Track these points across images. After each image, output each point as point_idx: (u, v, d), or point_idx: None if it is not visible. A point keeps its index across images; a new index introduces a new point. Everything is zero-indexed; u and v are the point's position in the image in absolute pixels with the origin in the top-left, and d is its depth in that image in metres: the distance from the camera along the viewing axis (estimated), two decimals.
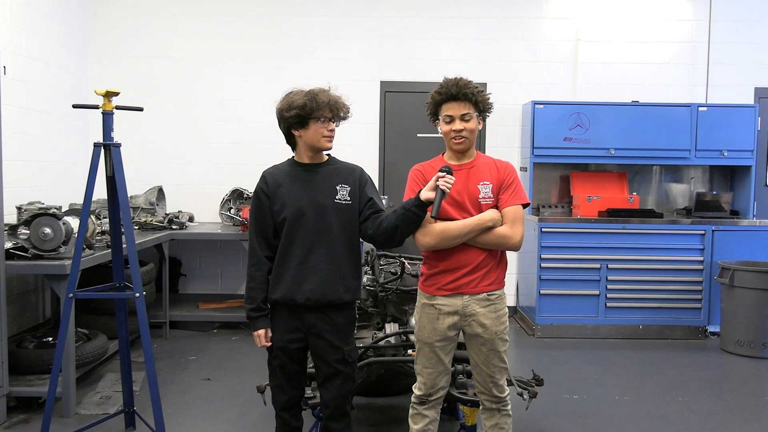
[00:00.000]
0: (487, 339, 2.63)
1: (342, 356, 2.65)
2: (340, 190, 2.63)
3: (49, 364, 3.73)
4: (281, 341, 2.64)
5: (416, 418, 2.75)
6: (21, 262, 3.70)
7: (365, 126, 6.12)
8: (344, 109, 2.67)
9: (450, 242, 2.58)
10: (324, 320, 2.62)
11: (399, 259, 3.79)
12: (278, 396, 2.71)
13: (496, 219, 2.60)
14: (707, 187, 6.26)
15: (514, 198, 2.63)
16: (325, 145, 2.64)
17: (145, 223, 5.41)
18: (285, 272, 2.61)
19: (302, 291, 2.58)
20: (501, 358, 2.67)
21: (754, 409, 4.06)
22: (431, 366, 2.68)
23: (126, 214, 2.99)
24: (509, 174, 2.67)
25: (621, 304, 5.62)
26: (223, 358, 4.91)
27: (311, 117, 2.58)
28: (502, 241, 2.60)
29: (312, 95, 2.59)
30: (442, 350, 2.67)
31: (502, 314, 2.68)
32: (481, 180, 2.64)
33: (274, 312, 2.69)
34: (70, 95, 5.53)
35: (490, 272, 2.64)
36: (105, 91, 2.90)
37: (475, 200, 2.62)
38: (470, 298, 2.62)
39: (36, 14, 5.11)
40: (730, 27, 6.18)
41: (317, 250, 2.60)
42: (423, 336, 2.69)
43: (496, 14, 6.18)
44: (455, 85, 2.60)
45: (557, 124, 5.73)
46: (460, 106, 2.60)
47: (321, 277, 2.59)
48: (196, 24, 6.12)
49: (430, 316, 2.66)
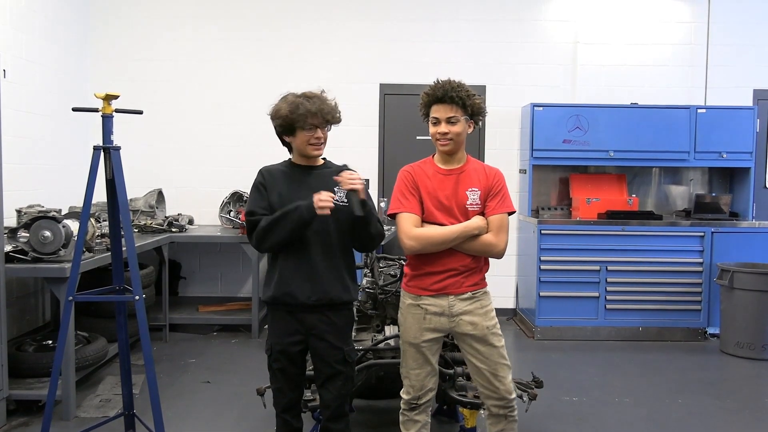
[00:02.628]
0: (480, 336, 2.62)
1: (342, 356, 2.65)
2: (338, 192, 2.64)
3: (48, 367, 3.72)
4: (281, 344, 2.64)
5: (408, 425, 2.74)
6: (21, 265, 3.69)
7: (364, 128, 6.14)
8: (332, 114, 2.64)
9: (435, 248, 2.59)
10: (324, 321, 2.62)
11: (398, 262, 3.79)
12: (279, 398, 2.71)
13: (482, 227, 2.61)
14: (706, 189, 6.27)
15: (500, 206, 2.64)
16: (311, 153, 2.64)
17: (145, 226, 5.41)
18: (283, 272, 2.61)
19: (302, 290, 2.58)
20: (501, 354, 2.65)
21: (754, 411, 4.06)
22: (418, 367, 2.67)
23: (126, 217, 2.99)
24: (497, 181, 2.67)
25: (621, 306, 5.62)
26: (222, 361, 4.91)
27: (296, 126, 2.59)
28: (487, 249, 2.62)
29: (295, 105, 2.57)
30: (428, 350, 2.66)
31: (489, 310, 2.68)
32: (469, 186, 2.64)
33: (272, 314, 2.70)
34: (70, 98, 5.54)
35: (474, 274, 2.66)
36: (105, 94, 2.90)
37: (462, 206, 2.62)
38: (456, 297, 2.62)
39: (36, 18, 5.12)
40: (729, 29, 6.19)
41: (315, 250, 2.60)
42: (409, 337, 2.68)
43: (495, 17, 6.19)
44: (442, 88, 2.60)
45: (556, 126, 5.74)
46: (447, 108, 2.59)
47: (320, 277, 2.59)
48: (196, 27, 6.14)
49: (416, 316, 2.66)
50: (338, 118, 2.70)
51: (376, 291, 3.57)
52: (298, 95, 2.63)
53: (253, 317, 5.55)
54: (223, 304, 6.04)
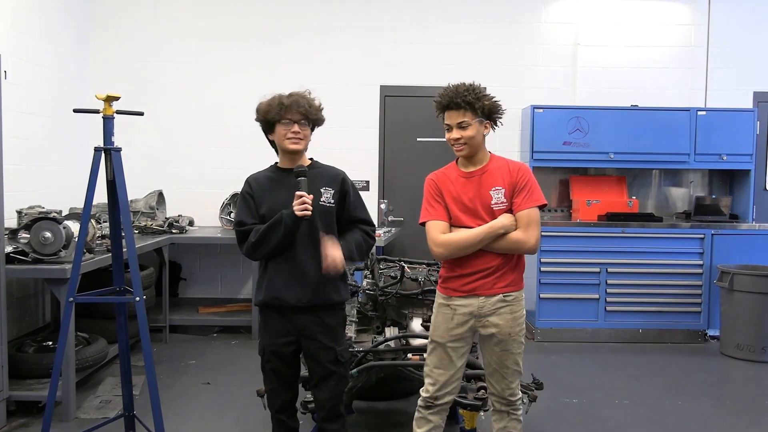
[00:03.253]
0: (501, 339, 2.62)
1: (335, 357, 2.66)
2: (324, 193, 2.65)
3: (49, 368, 3.72)
4: (274, 345, 2.65)
5: (420, 422, 2.74)
6: (21, 267, 3.70)
7: (365, 130, 6.14)
8: (309, 110, 2.64)
9: (463, 251, 2.59)
10: (315, 322, 2.63)
11: (399, 263, 3.79)
12: (273, 399, 2.73)
13: (508, 225, 2.59)
14: (706, 191, 6.27)
15: (527, 201, 2.61)
16: (288, 147, 2.65)
17: (145, 227, 5.42)
18: (274, 275, 2.62)
19: (292, 293, 2.59)
20: (515, 361, 2.66)
21: (754, 413, 4.06)
22: (442, 367, 2.68)
23: (126, 218, 3.00)
24: (522, 176, 2.64)
25: (621, 308, 5.62)
26: (222, 362, 4.91)
27: (272, 120, 2.62)
28: (517, 246, 2.60)
29: (273, 100, 2.62)
30: (454, 352, 2.66)
31: (519, 316, 2.66)
32: (493, 185, 2.63)
33: (264, 316, 2.70)
34: (71, 99, 5.54)
35: (506, 275, 2.64)
36: (105, 96, 2.91)
37: (487, 207, 2.62)
38: (486, 299, 2.62)
39: (37, 19, 5.13)
40: (729, 31, 6.19)
41: (305, 252, 2.60)
42: (436, 336, 2.69)
43: (495, 19, 6.20)
44: (447, 95, 2.60)
45: (556, 128, 5.74)
46: (457, 114, 2.60)
47: (310, 278, 2.60)
48: (197, 28, 6.14)
49: (445, 316, 2.67)
50: (319, 116, 2.71)
51: (376, 292, 3.58)
52: (282, 95, 2.66)
53: (253, 318, 5.55)
54: (223, 305, 6.04)
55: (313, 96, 2.71)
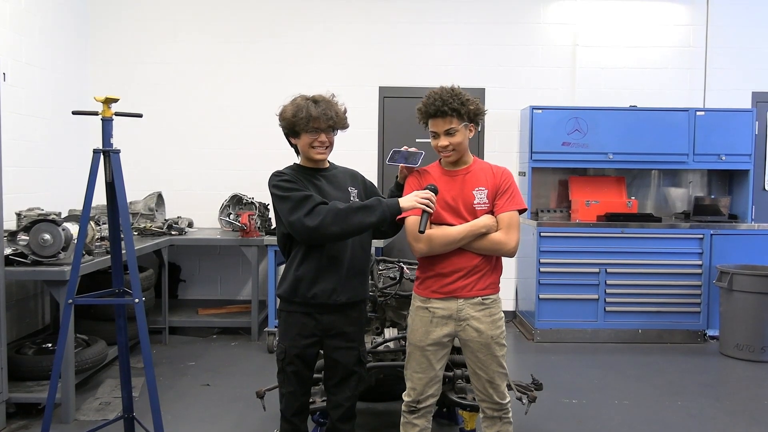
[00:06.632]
0: (483, 344, 2.61)
1: (358, 357, 2.67)
2: (352, 192, 2.66)
3: (48, 370, 3.73)
4: (297, 347, 2.61)
5: (407, 427, 2.72)
6: (20, 268, 3.70)
7: (364, 131, 6.14)
8: (336, 119, 2.62)
9: (443, 248, 2.58)
10: (341, 320, 2.62)
11: (398, 264, 3.79)
12: (291, 402, 2.67)
13: (490, 225, 2.59)
14: (705, 191, 6.28)
15: (509, 204, 2.62)
16: (314, 156, 2.63)
17: (145, 228, 5.42)
18: (305, 273, 2.58)
19: (332, 291, 2.57)
20: (499, 363, 2.64)
21: (753, 413, 4.06)
22: (421, 371, 2.65)
23: (125, 220, 3.00)
24: (505, 180, 2.66)
25: (620, 308, 5.62)
26: (222, 364, 4.91)
27: (298, 129, 2.59)
28: (497, 247, 2.60)
29: (299, 107, 2.57)
30: (433, 355, 2.64)
31: (498, 318, 2.65)
32: (476, 186, 2.64)
33: (287, 315, 2.66)
34: (70, 101, 5.55)
35: (485, 277, 2.63)
36: (104, 98, 2.91)
37: (469, 206, 2.62)
38: (465, 302, 2.60)
39: (36, 21, 5.13)
40: (728, 32, 6.20)
41: (350, 250, 2.61)
42: (415, 339, 2.67)
43: (494, 19, 6.21)
44: (433, 104, 2.57)
45: (555, 128, 5.75)
46: (444, 122, 2.57)
47: (340, 275, 2.59)
48: (196, 30, 6.15)
49: (423, 320, 2.65)
50: (345, 123, 2.69)
51: (375, 293, 3.58)
52: (307, 98, 2.63)
53: (252, 320, 5.55)
54: (223, 306, 6.04)
55: (337, 100, 2.68)
